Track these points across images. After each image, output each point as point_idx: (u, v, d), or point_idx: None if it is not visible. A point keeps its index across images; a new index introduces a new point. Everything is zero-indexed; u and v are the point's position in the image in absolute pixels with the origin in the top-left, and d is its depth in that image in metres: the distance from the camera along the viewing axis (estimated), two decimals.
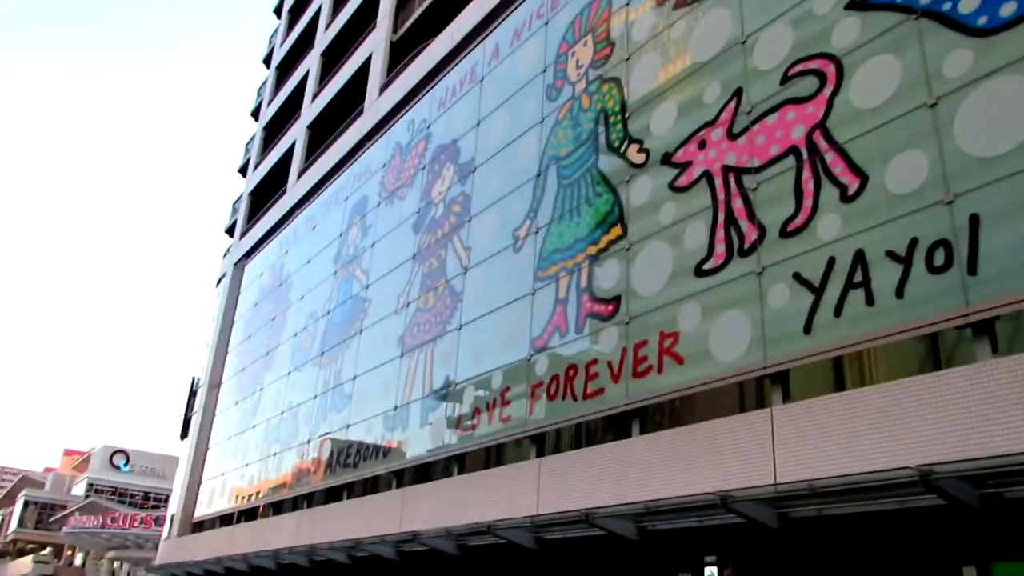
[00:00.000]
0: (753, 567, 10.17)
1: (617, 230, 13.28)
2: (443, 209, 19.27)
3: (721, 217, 11.32)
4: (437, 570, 15.62)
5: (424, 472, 16.68)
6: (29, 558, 67.77)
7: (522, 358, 14.53)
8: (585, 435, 13.46)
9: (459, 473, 15.54)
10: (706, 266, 11.30)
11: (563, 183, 15.12)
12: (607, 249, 13.37)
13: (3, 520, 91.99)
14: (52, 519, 76.31)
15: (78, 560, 66.34)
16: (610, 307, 12.88)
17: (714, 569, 10.44)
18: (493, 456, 15.08)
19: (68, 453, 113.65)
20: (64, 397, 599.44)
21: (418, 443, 17.13)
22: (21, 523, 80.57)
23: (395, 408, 18.31)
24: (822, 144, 10.20)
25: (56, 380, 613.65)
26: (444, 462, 16.09)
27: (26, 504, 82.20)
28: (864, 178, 9.53)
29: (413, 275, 19.58)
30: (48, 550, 70.69)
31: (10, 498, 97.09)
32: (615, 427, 12.36)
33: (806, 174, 10.28)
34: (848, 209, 9.61)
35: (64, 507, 74.38)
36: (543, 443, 13.95)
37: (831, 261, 9.58)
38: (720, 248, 11.16)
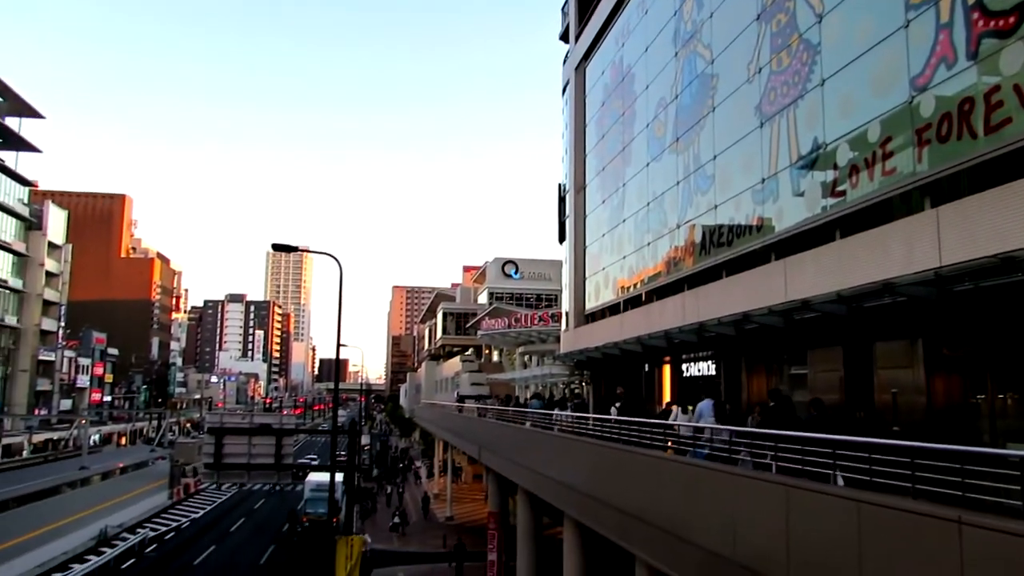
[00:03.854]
0: None
1: None
2: None
3: None
4: (825, 334, 15.41)
5: (801, 241, 16.10)
6: (457, 358, 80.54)
7: (902, 102, 12.99)
8: (989, 174, 11.83)
9: (841, 237, 14.78)
10: None
11: None
12: None
13: (430, 331, 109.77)
14: (467, 325, 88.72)
15: (495, 357, 77.05)
16: (1011, 19, 10.80)
17: None
18: (878, 214, 13.98)
19: (467, 269, 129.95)
20: (456, 221, 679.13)
21: (792, 212, 16.54)
22: (444, 331, 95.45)
23: (762, 181, 17.73)
24: None
25: (447, 206, 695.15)
26: (823, 227, 15.37)
27: (445, 315, 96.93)
28: None
29: (760, 37, 18.19)
30: (470, 351, 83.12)
31: (431, 312, 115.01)
32: None
33: None
34: None
35: (474, 314, 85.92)
36: (937, 191, 12.58)
37: None
38: None
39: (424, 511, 53.21)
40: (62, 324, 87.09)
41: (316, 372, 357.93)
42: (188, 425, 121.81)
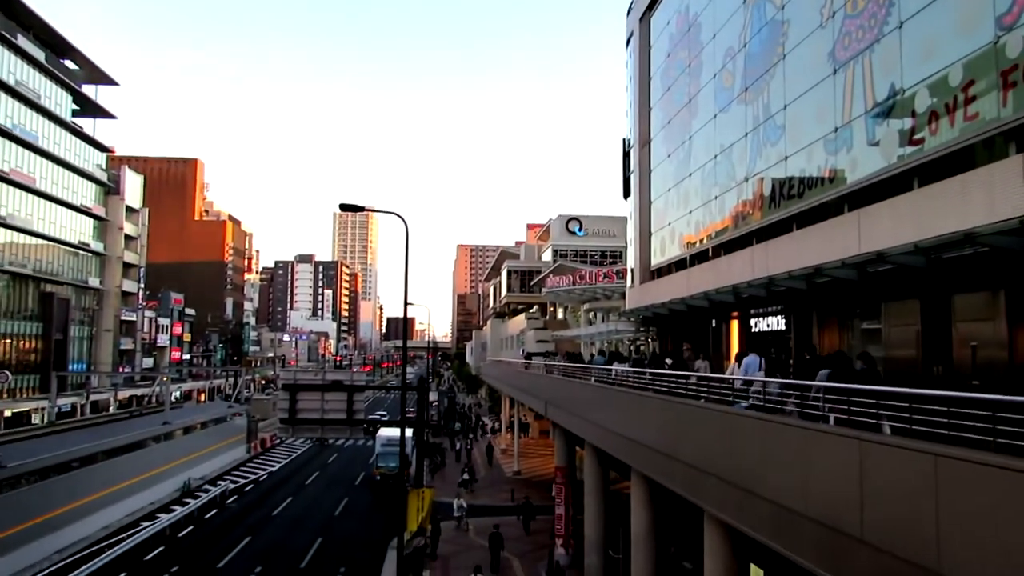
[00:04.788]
0: None
1: None
2: None
3: None
4: (901, 287, 14.98)
5: (876, 191, 15.59)
6: (522, 316, 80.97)
7: (986, 43, 12.37)
8: None
9: (919, 187, 14.26)
10: None
11: None
12: None
13: (495, 288, 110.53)
14: (532, 283, 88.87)
15: (560, 314, 77.16)
16: None
17: None
18: (958, 162, 13.43)
19: (531, 227, 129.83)
20: (519, 179, 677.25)
21: (867, 162, 16.02)
22: (509, 289, 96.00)
23: (835, 130, 17.19)
24: None
25: (510, 165, 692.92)
26: (899, 177, 14.85)
27: (509, 273, 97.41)
28: None
29: None
30: (535, 308, 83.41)
31: (495, 271, 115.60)
32: None
33: None
34: None
35: (538, 272, 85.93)
36: (1023, 136, 12.01)
37: None
38: None
39: (488, 460, 54.69)
40: (142, 285, 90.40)
41: (384, 330, 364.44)
42: (263, 382, 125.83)
